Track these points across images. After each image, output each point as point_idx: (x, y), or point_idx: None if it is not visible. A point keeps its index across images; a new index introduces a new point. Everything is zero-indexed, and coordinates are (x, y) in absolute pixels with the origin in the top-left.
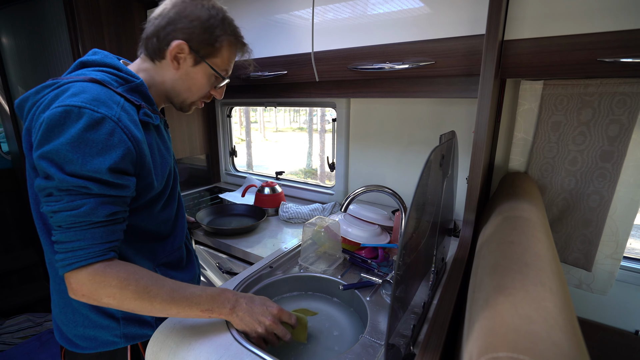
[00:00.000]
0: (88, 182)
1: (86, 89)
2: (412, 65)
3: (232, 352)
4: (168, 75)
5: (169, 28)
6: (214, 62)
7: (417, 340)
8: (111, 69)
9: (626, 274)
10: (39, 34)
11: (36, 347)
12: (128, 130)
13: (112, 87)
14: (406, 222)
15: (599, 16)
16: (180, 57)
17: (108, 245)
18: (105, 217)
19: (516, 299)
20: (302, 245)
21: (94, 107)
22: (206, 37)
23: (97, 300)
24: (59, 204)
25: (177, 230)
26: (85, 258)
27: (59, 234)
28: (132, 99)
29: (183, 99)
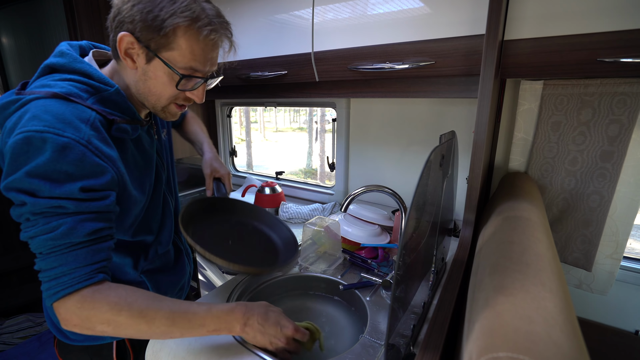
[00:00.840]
0: (62, 201)
1: (48, 107)
2: (412, 65)
3: (232, 352)
4: (130, 76)
5: (117, 19)
6: (170, 56)
7: (417, 340)
8: (80, 76)
9: (626, 274)
10: (39, 34)
11: (36, 347)
12: (100, 152)
13: (80, 100)
14: (406, 222)
15: (599, 16)
16: (132, 52)
17: (94, 267)
18: (85, 235)
19: (516, 299)
20: (302, 245)
21: (58, 132)
22: (149, 23)
23: (91, 329)
24: (34, 229)
25: (162, 236)
26: (70, 284)
27: (40, 262)
28: (105, 112)
29: (152, 104)
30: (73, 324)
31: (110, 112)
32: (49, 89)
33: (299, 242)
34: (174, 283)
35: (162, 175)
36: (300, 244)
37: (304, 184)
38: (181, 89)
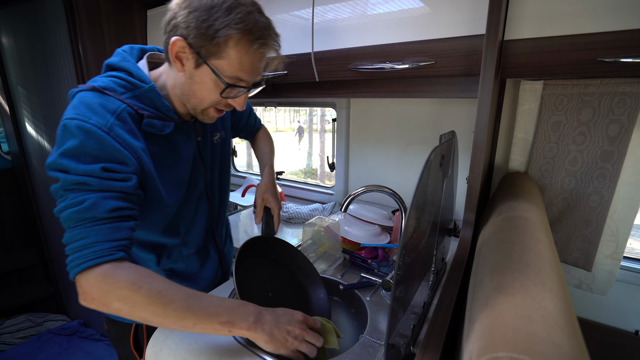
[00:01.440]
0: (86, 178)
1: (84, 99)
2: (412, 65)
3: (232, 352)
4: (177, 78)
5: (172, 23)
6: (218, 64)
7: (417, 340)
8: (123, 72)
9: (626, 274)
10: (39, 34)
11: (36, 347)
12: (121, 139)
13: (115, 93)
14: (406, 222)
15: (598, 16)
16: (182, 56)
17: (115, 243)
18: (107, 212)
19: (516, 299)
20: (302, 245)
21: (85, 119)
22: (203, 31)
23: (107, 304)
24: (64, 202)
25: (189, 238)
26: (92, 257)
27: (67, 234)
28: (137, 107)
29: (193, 106)
30: (92, 298)
31: (142, 107)
32: (92, 83)
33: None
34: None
35: (200, 177)
36: (300, 244)
37: (304, 184)
38: (224, 96)
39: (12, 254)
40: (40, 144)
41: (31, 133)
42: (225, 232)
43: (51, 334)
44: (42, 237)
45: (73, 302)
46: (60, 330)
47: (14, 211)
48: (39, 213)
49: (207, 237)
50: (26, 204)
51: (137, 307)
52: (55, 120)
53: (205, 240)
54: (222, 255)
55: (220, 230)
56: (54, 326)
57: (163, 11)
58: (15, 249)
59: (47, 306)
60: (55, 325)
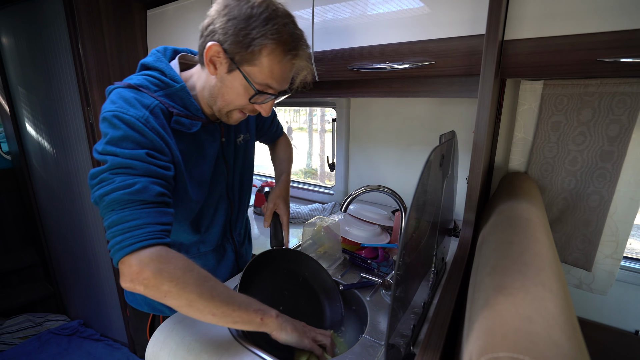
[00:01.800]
0: (133, 162)
1: (121, 94)
2: (412, 65)
3: (232, 352)
4: (208, 81)
5: (209, 28)
6: (250, 71)
7: (417, 340)
8: (157, 72)
9: (626, 274)
10: (39, 34)
11: (36, 347)
12: (156, 131)
13: (148, 90)
14: (406, 222)
15: (599, 16)
16: (216, 60)
17: (163, 227)
18: (155, 196)
19: (516, 299)
20: (302, 245)
21: (124, 111)
22: (240, 39)
23: (158, 285)
24: (112, 185)
25: (207, 236)
26: (146, 238)
27: (114, 216)
28: (167, 104)
29: (219, 108)
30: (144, 277)
31: (172, 104)
32: (128, 80)
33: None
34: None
35: (221, 177)
36: (301, 245)
37: (304, 184)
38: (253, 102)
39: (12, 254)
40: (40, 144)
41: (31, 133)
42: (244, 232)
43: (51, 334)
44: (42, 237)
45: (73, 302)
46: (60, 330)
47: (14, 211)
48: (39, 213)
49: (224, 236)
50: (26, 204)
51: (186, 289)
52: (55, 120)
53: (223, 239)
54: (239, 255)
55: (239, 230)
56: (54, 326)
57: (163, 11)
58: (15, 249)
59: (47, 306)
60: (55, 325)
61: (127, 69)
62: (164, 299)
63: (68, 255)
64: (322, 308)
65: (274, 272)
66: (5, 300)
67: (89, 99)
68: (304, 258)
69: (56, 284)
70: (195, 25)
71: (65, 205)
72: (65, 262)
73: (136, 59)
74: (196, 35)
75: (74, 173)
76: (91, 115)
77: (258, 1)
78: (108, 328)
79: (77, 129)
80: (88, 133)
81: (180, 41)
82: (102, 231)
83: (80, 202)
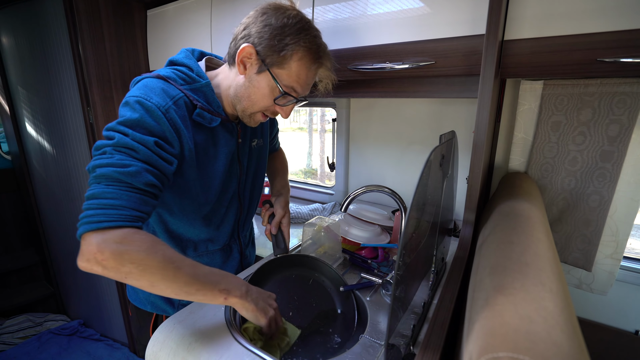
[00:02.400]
0: (138, 145)
1: (148, 83)
2: (412, 65)
3: (232, 352)
4: (235, 80)
5: (244, 32)
6: (279, 73)
7: (417, 340)
8: (184, 67)
9: (626, 274)
10: (39, 34)
11: (36, 347)
12: (172, 122)
13: (175, 83)
14: (406, 222)
15: (599, 16)
16: (247, 61)
17: (139, 213)
18: (145, 184)
19: (516, 299)
20: (302, 245)
21: (148, 98)
22: (274, 43)
23: (117, 267)
24: (109, 160)
25: (216, 235)
26: (116, 219)
27: (97, 189)
28: (192, 97)
29: (243, 108)
30: (102, 258)
31: (196, 98)
32: (157, 72)
33: (299, 242)
34: None
35: (234, 177)
36: (301, 245)
37: (304, 184)
38: (277, 103)
39: (12, 254)
40: (40, 144)
41: (31, 133)
42: (248, 235)
43: (51, 334)
44: (42, 237)
45: (73, 302)
46: (60, 330)
47: (14, 211)
48: (39, 213)
49: (232, 236)
50: (26, 204)
51: (148, 271)
52: (55, 120)
53: (231, 239)
54: (243, 256)
55: (245, 232)
56: (54, 326)
57: (163, 11)
58: (15, 249)
59: (47, 306)
60: (55, 325)
61: (127, 69)
62: (124, 279)
63: (68, 255)
64: (334, 304)
65: (282, 280)
66: (5, 300)
67: (89, 99)
68: (309, 260)
69: (56, 284)
70: (195, 25)
71: (65, 205)
72: (65, 262)
73: (136, 59)
74: (196, 35)
75: (74, 173)
76: (91, 115)
77: (293, 13)
78: (108, 328)
79: (77, 129)
80: (88, 133)
81: (180, 41)
82: None
83: (80, 202)
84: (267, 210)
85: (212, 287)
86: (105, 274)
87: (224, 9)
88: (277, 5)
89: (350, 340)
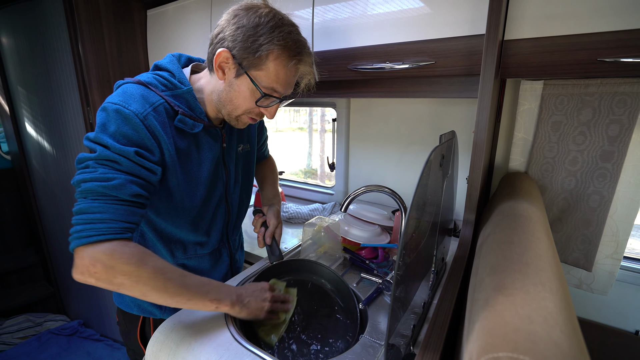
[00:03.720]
0: (120, 157)
1: (127, 89)
2: (412, 65)
3: (232, 352)
4: (216, 85)
5: (219, 36)
6: (257, 75)
7: (417, 340)
8: (167, 72)
9: (626, 274)
10: (39, 34)
11: (36, 347)
12: (151, 129)
13: (156, 89)
14: (406, 222)
15: (599, 16)
16: (225, 66)
17: (127, 225)
18: (130, 195)
19: (516, 299)
20: (302, 245)
21: (125, 105)
22: (247, 45)
23: (110, 279)
24: (92, 174)
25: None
26: (105, 233)
27: (84, 204)
28: (173, 104)
29: (228, 112)
30: (94, 271)
31: (177, 104)
32: (138, 77)
33: (299, 242)
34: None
35: (220, 181)
36: (301, 245)
37: (304, 184)
38: (259, 105)
39: (12, 254)
40: (40, 144)
41: (31, 133)
42: (238, 239)
43: (51, 334)
44: (42, 237)
45: (73, 302)
46: (60, 331)
47: (14, 211)
48: (39, 213)
49: (222, 240)
50: (26, 204)
51: (139, 282)
52: (55, 120)
53: (220, 244)
54: (233, 260)
55: (235, 236)
56: (54, 326)
57: (163, 11)
58: (15, 249)
59: (47, 306)
60: (55, 326)
61: (127, 69)
62: (118, 290)
63: (68, 255)
64: (336, 303)
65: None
66: (5, 300)
67: (89, 99)
68: (306, 264)
69: (56, 284)
70: (195, 25)
71: (65, 205)
72: (65, 262)
73: (136, 59)
74: (196, 35)
75: (73, 173)
76: (91, 115)
77: (265, 11)
78: (108, 328)
79: (77, 129)
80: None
81: (180, 41)
82: None
83: None
84: (259, 219)
85: (202, 297)
86: (99, 285)
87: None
88: (249, 5)
89: (352, 339)
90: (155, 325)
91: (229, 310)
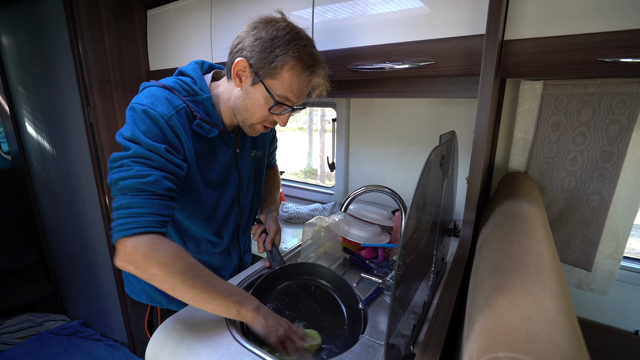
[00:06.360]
0: (152, 154)
1: (153, 92)
2: (412, 65)
3: (232, 352)
4: (233, 93)
5: (238, 46)
6: (272, 84)
7: (417, 340)
8: (189, 79)
9: (626, 274)
10: (39, 34)
11: (36, 347)
12: (174, 129)
13: (179, 93)
14: (406, 222)
15: (599, 16)
16: (242, 74)
17: (164, 218)
18: (165, 190)
19: (516, 299)
20: (302, 245)
21: (152, 106)
22: (265, 55)
23: (146, 268)
24: (129, 172)
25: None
26: (146, 225)
27: (123, 200)
28: (193, 109)
29: (243, 119)
30: (134, 260)
31: (196, 109)
32: (163, 81)
33: (299, 242)
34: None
35: (232, 184)
36: (301, 245)
37: (304, 184)
38: (272, 112)
39: (12, 254)
40: (40, 144)
41: (31, 133)
42: (247, 242)
43: (51, 334)
44: (42, 237)
45: (73, 302)
46: (60, 330)
47: (14, 211)
48: (39, 213)
49: (232, 241)
50: (26, 204)
51: (171, 275)
52: (55, 120)
53: (230, 244)
54: (242, 262)
55: (245, 238)
56: (54, 326)
57: (163, 11)
58: (15, 249)
59: (47, 306)
60: (55, 325)
61: (127, 69)
62: (150, 280)
63: (68, 255)
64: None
65: (284, 291)
66: (5, 300)
67: (89, 99)
68: (307, 267)
69: (56, 284)
70: (195, 25)
71: (65, 205)
72: (65, 262)
73: (136, 59)
74: (196, 35)
75: (74, 173)
76: (91, 115)
77: (283, 25)
78: (108, 328)
79: (77, 129)
80: (88, 133)
81: (180, 41)
82: (102, 231)
83: (80, 202)
84: (258, 227)
85: (226, 297)
86: (136, 274)
87: (224, 9)
88: (268, 19)
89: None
90: (162, 315)
91: (250, 314)
